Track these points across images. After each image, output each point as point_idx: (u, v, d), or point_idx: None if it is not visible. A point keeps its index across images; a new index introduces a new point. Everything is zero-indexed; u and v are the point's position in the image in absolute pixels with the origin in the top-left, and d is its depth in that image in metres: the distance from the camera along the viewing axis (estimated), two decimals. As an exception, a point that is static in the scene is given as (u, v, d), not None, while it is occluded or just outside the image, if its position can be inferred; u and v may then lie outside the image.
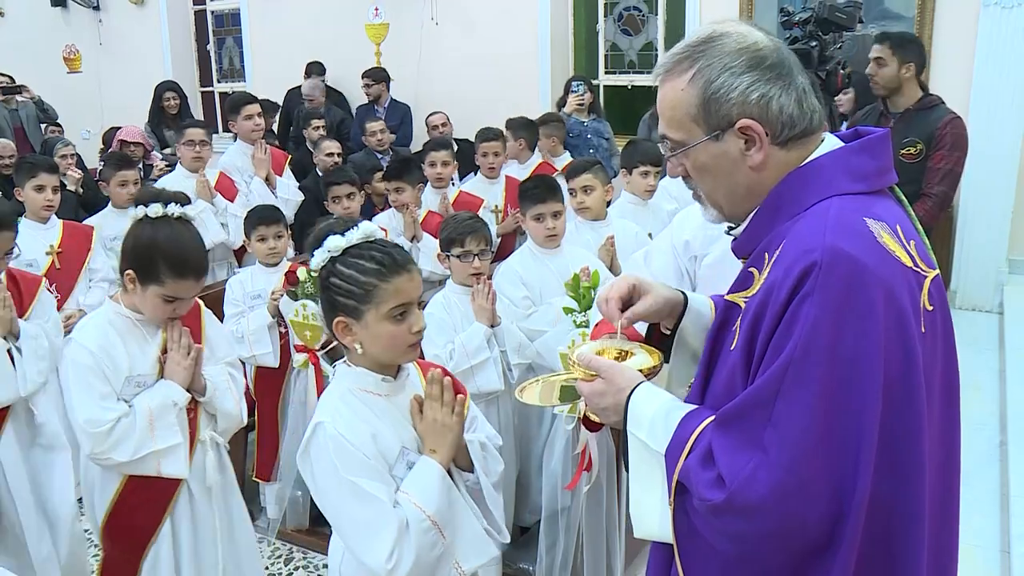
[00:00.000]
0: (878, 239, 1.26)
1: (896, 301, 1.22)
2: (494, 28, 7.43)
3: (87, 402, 2.22)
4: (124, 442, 2.23)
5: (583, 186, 3.72)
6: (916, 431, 1.24)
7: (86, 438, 2.22)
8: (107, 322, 2.33)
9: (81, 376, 2.23)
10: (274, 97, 7.80)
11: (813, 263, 1.21)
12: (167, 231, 2.25)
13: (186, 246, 2.26)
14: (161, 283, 2.22)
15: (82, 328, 2.33)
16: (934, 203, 4.17)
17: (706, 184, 1.43)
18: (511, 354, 3.03)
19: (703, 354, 1.44)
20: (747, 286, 1.35)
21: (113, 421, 2.21)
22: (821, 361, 1.19)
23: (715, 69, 1.34)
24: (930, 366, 1.28)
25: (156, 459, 2.27)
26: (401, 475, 1.78)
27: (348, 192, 4.20)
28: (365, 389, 1.82)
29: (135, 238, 2.27)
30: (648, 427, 1.39)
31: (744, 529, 1.24)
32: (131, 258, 2.26)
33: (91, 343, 2.26)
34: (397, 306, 1.75)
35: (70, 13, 9.99)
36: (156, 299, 2.25)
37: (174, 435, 2.29)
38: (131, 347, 2.31)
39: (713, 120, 1.35)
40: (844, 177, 1.34)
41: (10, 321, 2.80)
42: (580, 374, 1.51)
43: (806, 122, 1.36)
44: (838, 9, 4.66)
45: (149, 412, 2.26)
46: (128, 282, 2.26)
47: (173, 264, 2.21)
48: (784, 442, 1.20)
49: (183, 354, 2.31)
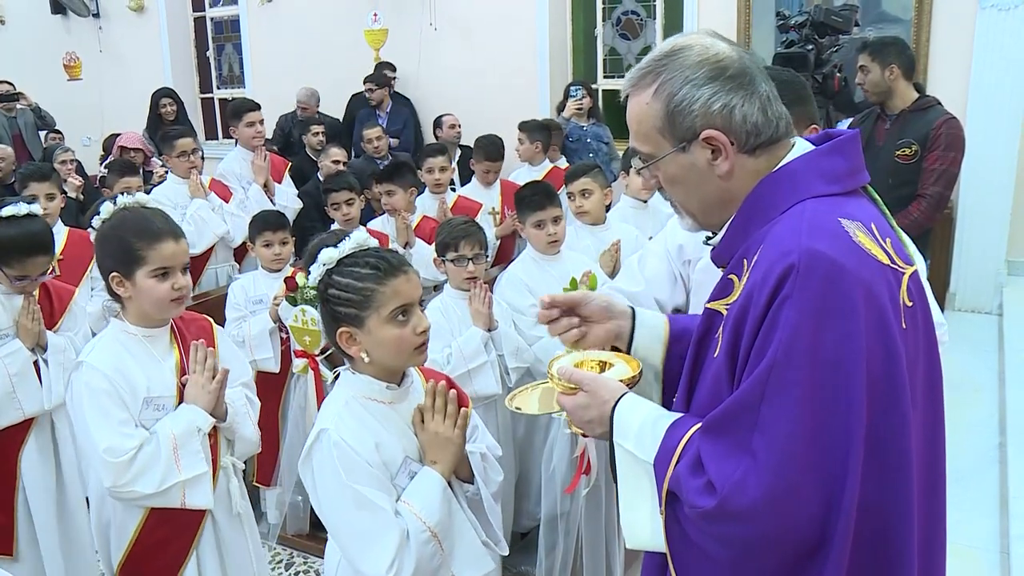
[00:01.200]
0: (854, 239, 1.27)
1: (875, 299, 1.23)
2: (493, 33, 7.44)
3: (105, 429, 2.05)
4: (148, 472, 2.06)
5: (581, 190, 3.73)
6: (902, 429, 1.25)
7: (107, 469, 2.04)
8: (116, 342, 2.18)
9: (97, 402, 2.07)
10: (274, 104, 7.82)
11: (791, 266, 1.22)
12: (124, 215, 2.19)
13: (148, 215, 2.19)
14: (144, 261, 2.11)
15: (92, 350, 2.18)
16: (929, 204, 4.18)
17: (678, 194, 1.45)
18: (509, 358, 3.04)
19: (687, 362, 1.45)
20: (727, 293, 1.36)
21: (134, 449, 2.06)
22: (803, 364, 1.20)
23: (677, 82, 1.36)
24: (913, 362, 1.29)
25: (181, 490, 2.11)
26: (403, 484, 1.78)
27: (347, 199, 4.21)
28: (369, 397, 1.81)
29: (100, 242, 2.19)
30: (635, 437, 1.39)
31: (736, 534, 1.24)
32: (106, 261, 2.17)
33: (104, 365, 2.11)
34: (397, 307, 1.76)
35: (70, 20, 10.01)
36: (149, 281, 2.12)
37: (199, 463, 2.12)
38: (146, 367, 2.17)
39: (678, 132, 1.37)
40: (817, 179, 1.35)
41: (37, 333, 2.78)
42: (560, 387, 1.51)
43: (772, 129, 1.38)
44: (834, 13, 4.69)
45: (173, 439, 2.09)
46: (117, 287, 2.15)
47: (143, 234, 2.12)
48: (771, 446, 1.21)
49: (208, 377, 2.16)
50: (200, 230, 4.55)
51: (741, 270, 1.34)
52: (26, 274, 2.70)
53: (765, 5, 6.32)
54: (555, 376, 1.52)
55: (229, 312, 3.59)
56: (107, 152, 6.96)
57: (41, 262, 2.73)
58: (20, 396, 2.75)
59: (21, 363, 2.73)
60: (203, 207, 4.60)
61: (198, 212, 4.58)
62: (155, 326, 2.22)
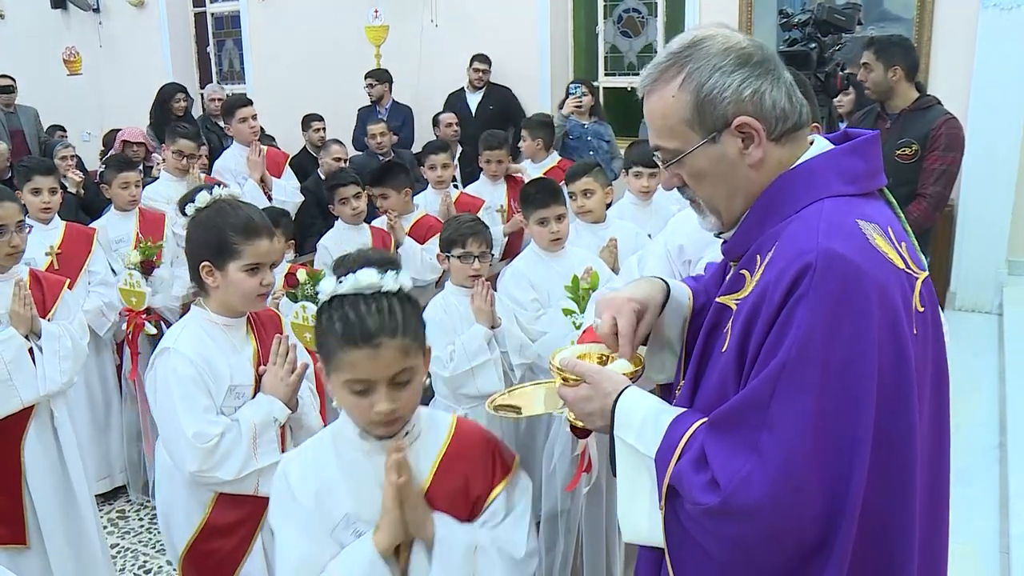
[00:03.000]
0: (871, 241, 1.26)
1: (889, 302, 1.23)
2: (494, 30, 7.43)
3: (192, 415, 2.08)
4: (230, 458, 2.11)
5: (583, 189, 3.73)
6: (908, 432, 1.25)
7: (193, 454, 2.08)
8: (200, 329, 2.20)
9: (183, 388, 2.09)
10: (274, 101, 7.82)
11: (807, 265, 1.21)
12: (223, 206, 2.22)
13: (247, 210, 2.24)
14: (239, 255, 2.15)
15: (177, 336, 2.19)
16: (929, 203, 4.17)
17: (704, 190, 1.41)
18: (512, 355, 3.03)
19: (693, 356, 1.44)
20: (738, 288, 1.35)
21: (218, 436, 2.09)
22: (816, 363, 1.19)
23: (705, 71, 1.33)
24: (921, 367, 1.28)
25: (256, 478, 2.14)
26: (344, 542, 1.59)
27: (355, 192, 4.19)
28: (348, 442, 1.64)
29: (195, 230, 2.23)
30: (637, 431, 1.38)
31: (739, 532, 1.24)
32: (199, 250, 2.20)
33: (190, 351, 2.13)
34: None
35: (70, 15, 9.99)
36: (240, 275, 2.16)
37: (274, 453, 2.15)
38: (227, 355, 2.20)
39: (708, 122, 1.34)
40: (835, 179, 1.34)
41: (31, 319, 2.78)
42: (563, 379, 1.50)
43: (796, 115, 1.36)
44: (837, 11, 4.69)
45: (253, 427, 2.13)
46: (206, 276, 2.18)
47: (241, 229, 2.16)
48: (779, 444, 1.20)
49: (287, 370, 2.20)
50: None
51: (754, 266, 1.33)
52: (2, 223, 2.74)
53: (767, 3, 6.31)
54: (558, 367, 1.52)
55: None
56: (107, 147, 6.95)
57: (10, 208, 2.77)
58: (17, 383, 2.73)
59: (15, 350, 2.71)
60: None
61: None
62: (235, 316, 2.26)
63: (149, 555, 3.58)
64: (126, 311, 3.88)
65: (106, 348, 4.05)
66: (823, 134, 1.45)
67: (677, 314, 1.59)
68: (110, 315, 3.90)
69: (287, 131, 7.19)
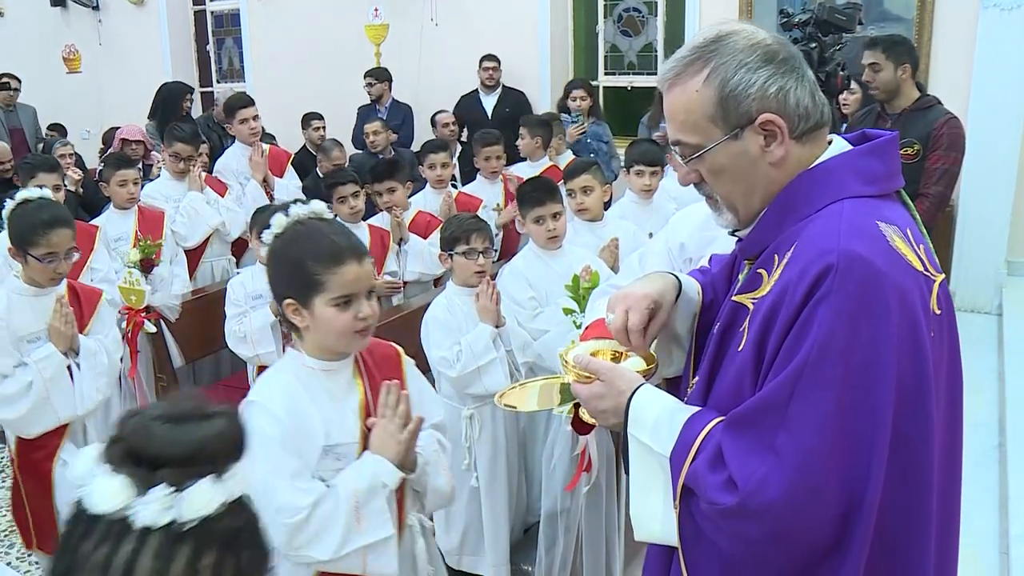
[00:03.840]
0: (891, 243, 1.26)
1: (909, 305, 1.23)
2: (494, 29, 7.43)
3: (278, 484, 1.75)
4: (326, 534, 1.77)
5: (583, 187, 3.73)
6: (926, 434, 1.24)
7: (278, 530, 1.71)
8: (293, 378, 1.87)
9: (268, 451, 1.74)
10: (273, 99, 7.81)
11: (829, 266, 1.21)
12: (299, 231, 1.86)
13: (328, 232, 1.86)
14: (323, 288, 1.79)
15: (264, 387, 1.87)
16: (931, 203, 4.18)
17: (723, 187, 1.40)
18: (518, 353, 3.04)
19: (707, 354, 1.43)
20: (756, 287, 1.34)
21: (310, 507, 1.76)
22: (837, 364, 1.19)
23: (730, 66, 1.32)
24: (937, 370, 1.28)
25: (363, 555, 1.82)
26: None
27: (354, 191, 4.19)
28: None
29: (273, 262, 1.89)
30: (651, 430, 1.37)
31: (755, 532, 1.23)
32: (279, 286, 1.87)
33: (278, 406, 1.81)
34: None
35: (70, 13, 9.98)
36: (329, 311, 1.80)
37: (385, 526, 1.82)
38: (325, 409, 1.85)
39: (732, 118, 1.33)
40: (854, 180, 1.33)
41: (71, 337, 2.75)
42: (575, 376, 1.49)
43: (819, 114, 1.36)
44: (838, 11, 4.67)
45: (355, 496, 1.79)
46: (292, 315, 1.83)
47: (323, 256, 1.80)
48: (798, 445, 1.20)
49: (399, 424, 1.84)
50: (193, 222, 4.55)
51: (771, 265, 1.32)
52: (53, 251, 2.72)
53: (767, 3, 6.32)
54: (571, 364, 1.51)
55: (229, 309, 3.58)
56: (106, 145, 6.95)
57: (65, 235, 2.75)
58: (54, 402, 2.72)
59: (55, 367, 2.71)
60: (197, 199, 4.59)
61: (191, 204, 4.57)
62: (336, 358, 1.90)
63: (148, 554, 3.57)
64: (125, 309, 3.87)
65: (106, 347, 4.06)
66: (841, 135, 1.45)
67: (687, 308, 1.58)
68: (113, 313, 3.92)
69: (287, 130, 7.19)
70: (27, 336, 2.78)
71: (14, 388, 2.72)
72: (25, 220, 2.74)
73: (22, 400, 2.72)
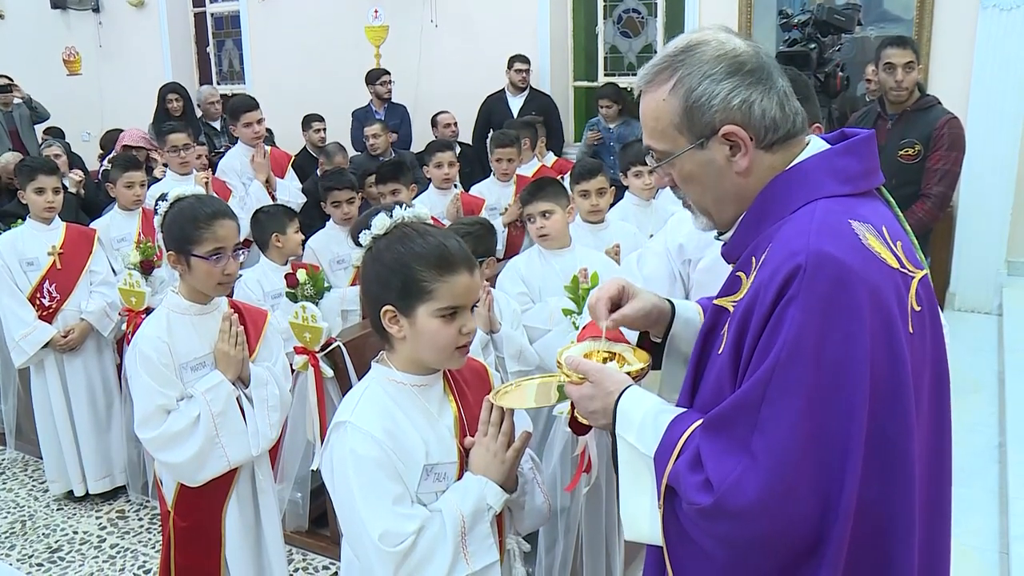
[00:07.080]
0: (863, 241, 1.26)
1: (882, 302, 1.23)
2: (493, 30, 7.44)
3: (379, 509, 1.61)
4: (432, 561, 1.63)
5: (598, 188, 3.73)
6: (905, 432, 1.24)
7: (383, 560, 1.60)
8: (384, 395, 1.72)
9: (367, 475, 1.61)
10: (274, 100, 7.81)
11: (798, 266, 1.22)
12: (407, 233, 1.70)
13: (439, 238, 1.70)
14: (430, 296, 1.65)
15: (355, 405, 1.70)
16: (933, 203, 4.18)
17: (694, 192, 1.43)
18: (509, 361, 3.02)
19: (691, 358, 1.44)
20: (735, 290, 1.36)
21: (414, 533, 1.62)
22: (807, 364, 1.19)
23: (695, 77, 1.34)
24: (919, 366, 1.28)
25: None
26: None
27: (349, 197, 4.22)
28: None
29: (372, 264, 1.71)
30: (637, 430, 1.39)
31: (732, 533, 1.24)
32: (379, 290, 1.69)
33: (374, 426, 1.65)
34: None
35: (70, 15, 10.00)
36: (433, 322, 1.65)
37: (491, 550, 1.68)
38: (421, 428, 1.70)
39: (697, 128, 1.35)
40: (830, 179, 1.34)
41: (241, 363, 2.40)
42: (568, 377, 1.51)
43: (789, 124, 1.37)
44: (837, 11, 4.69)
45: (461, 520, 1.65)
46: (390, 323, 1.68)
47: (434, 262, 1.65)
48: (771, 446, 1.20)
49: (503, 443, 1.70)
50: None
51: (749, 268, 1.34)
52: (220, 245, 2.35)
53: (767, 3, 6.31)
54: (563, 365, 1.53)
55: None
56: (105, 149, 6.95)
57: (231, 228, 2.39)
58: (224, 441, 2.35)
59: (224, 400, 2.35)
60: None
61: None
62: (427, 372, 1.75)
63: (149, 555, 3.58)
64: (126, 311, 3.88)
65: (107, 347, 4.08)
66: (820, 135, 1.45)
67: (691, 330, 1.59)
68: (113, 315, 3.95)
69: (287, 131, 7.19)
70: (190, 362, 2.39)
71: (181, 424, 2.33)
72: (184, 216, 2.37)
73: (191, 438, 2.33)
